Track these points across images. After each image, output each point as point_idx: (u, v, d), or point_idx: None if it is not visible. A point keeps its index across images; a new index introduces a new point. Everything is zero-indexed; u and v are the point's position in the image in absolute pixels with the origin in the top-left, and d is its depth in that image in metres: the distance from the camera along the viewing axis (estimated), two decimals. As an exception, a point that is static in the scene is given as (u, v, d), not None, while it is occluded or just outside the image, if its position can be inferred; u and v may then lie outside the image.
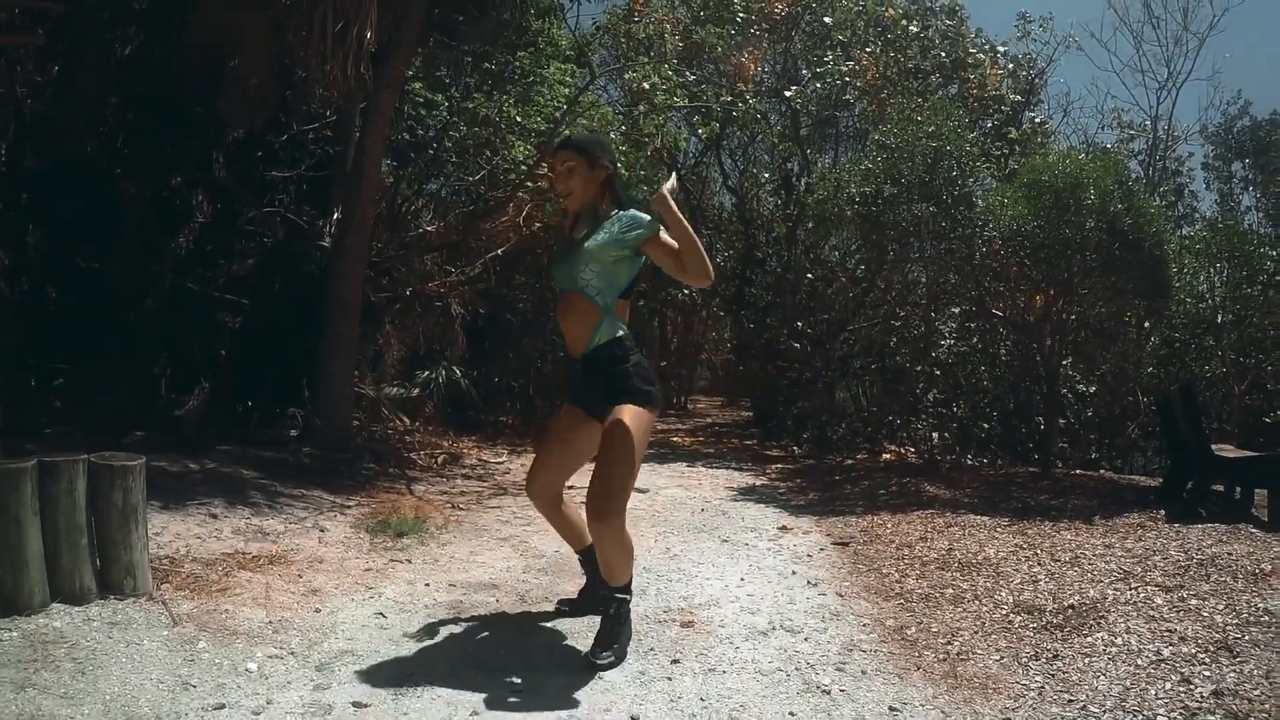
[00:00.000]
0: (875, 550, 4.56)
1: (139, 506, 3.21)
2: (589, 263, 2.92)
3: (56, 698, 2.35)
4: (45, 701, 2.32)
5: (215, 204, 7.56)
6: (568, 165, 3.00)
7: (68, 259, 6.62)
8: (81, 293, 6.62)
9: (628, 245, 2.92)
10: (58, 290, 6.71)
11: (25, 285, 6.66)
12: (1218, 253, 7.45)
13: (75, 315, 6.58)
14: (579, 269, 2.93)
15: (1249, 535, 4.38)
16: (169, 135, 6.91)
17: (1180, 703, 2.54)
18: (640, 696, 2.57)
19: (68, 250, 6.60)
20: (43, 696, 2.34)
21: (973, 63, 9.18)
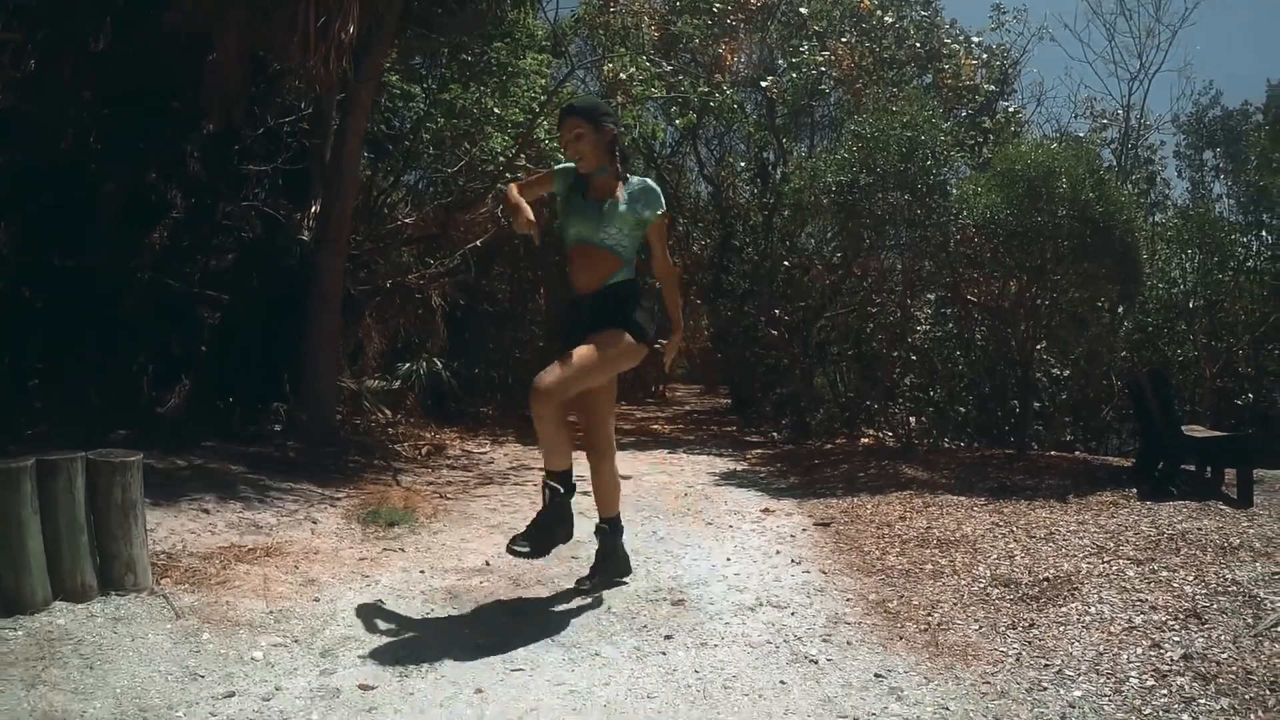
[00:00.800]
0: (856, 530, 4.69)
1: (138, 502, 3.23)
2: (615, 224, 3.20)
3: (67, 693, 2.37)
4: (56, 697, 2.33)
5: (191, 199, 7.52)
6: (576, 131, 3.18)
7: (42, 257, 6.57)
8: (58, 291, 6.55)
9: (642, 221, 3.23)
10: (33, 289, 6.65)
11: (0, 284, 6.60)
12: (1189, 239, 7.66)
13: (52, 314, 6.52)
14: (603, 227, 3.19)
15: (1218, 512, 4.53)
16: (144, 130, 6.86)
17: (1151, 666, 2.67)
18: (637, 671, 2.67)
19: (42, 248, 6.55)
20: (53, 693, 2.36)
21: (947, 53, 9.31)
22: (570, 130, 3.20)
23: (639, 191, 3.24)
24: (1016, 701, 2.47)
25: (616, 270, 3.23)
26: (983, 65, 9.90)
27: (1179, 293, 7.86)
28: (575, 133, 3.18)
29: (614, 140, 3.24)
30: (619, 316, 3.17)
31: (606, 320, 3.17)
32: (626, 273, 3.26)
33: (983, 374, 7.93)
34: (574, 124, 3.20)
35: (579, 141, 3.18)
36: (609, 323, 3.16)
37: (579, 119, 3.20)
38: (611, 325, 3.14)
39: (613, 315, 3.17)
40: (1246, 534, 4.03)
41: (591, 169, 3.22)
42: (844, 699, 2.49)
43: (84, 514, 3.07)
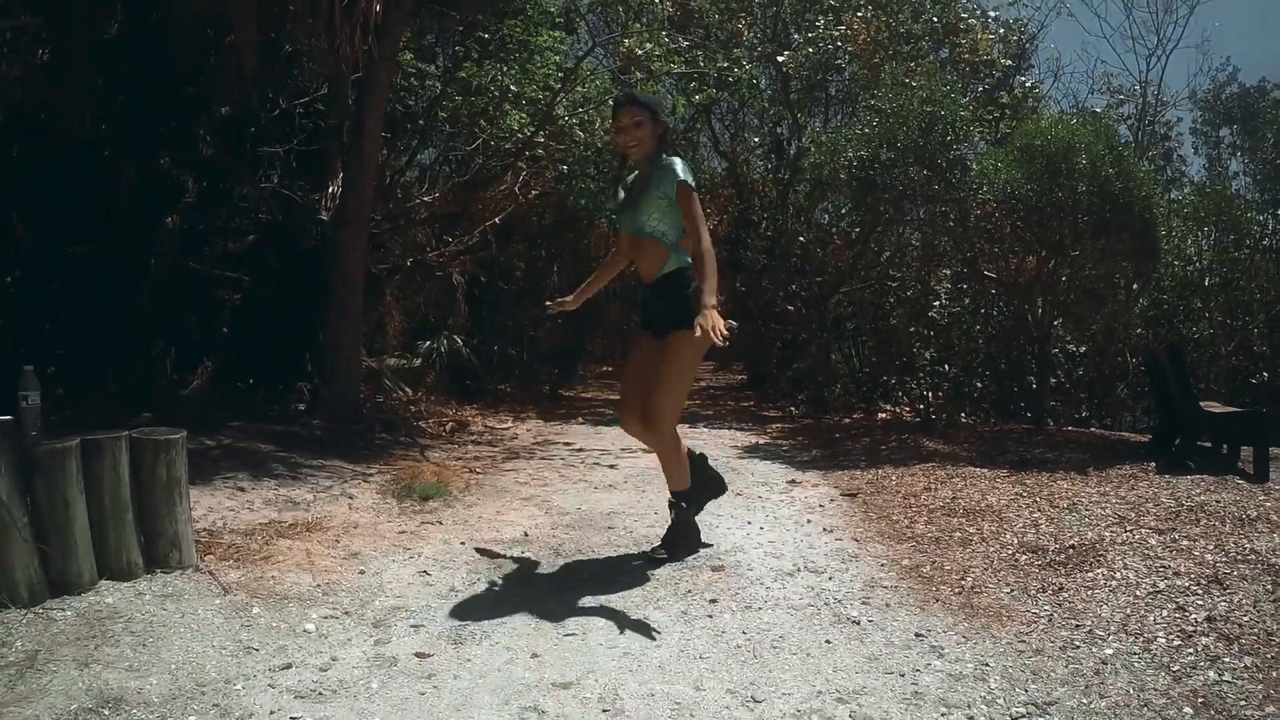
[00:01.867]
0: (883, 500, 4.77)
1: (181, 479, 3.28)
2: (646, 208, 3.33)
3: (122, 670, 2.38)
4: (111, 675, 2.35)
5: (206, 182, 7.56)
6: (636, 120, 3.32)
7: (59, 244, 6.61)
8: (76, 278, 6.60)
9: (669, 199, 3.30)
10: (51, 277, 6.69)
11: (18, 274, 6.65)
12: (1205, 216, 7.64)
13: (71, 301, 6.57)
14: (642, 217, 3.34)
15: (1235, 486, 4.60)
16: (158, 115, 6.90)
17: (1177, 627, 2.76)
18: (686, 634, 2.76)
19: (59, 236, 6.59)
20: (108, 671, 2.37)
21: (964, 27, 9.26)
22: (630, 117, 3.32)
23: (660, 171, 3.34)
24: (1051, 659, 2.56)
25: (665, 258, 3.35)
26: (1000, 40, 9.85)
27: (1195, 270, 7.86)
28: (635, 120, 3.32)
29: (666, 133, 3.43)
30: (679, 314, 3.23)
31: (667, 318, 3.31)
32: (676, 260, 3.35)
33: (1000, 350, 7.97)
34: (635, 112, 3.33)
35: (638, 129, 3.32)
36: (670, 323, 3.29)
37: (640, 109, 3.34)
38: (674, 327, 3.27)
39: (669, 312, 3.30)
40: (1264, 507, 4.10)
41: (644, 156, 3.37)
42: (888, 657, 2.59)
43: (129, 492, 3.10)
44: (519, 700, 2.30)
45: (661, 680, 2.42)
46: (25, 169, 6.42)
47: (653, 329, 3.44)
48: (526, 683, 2.40)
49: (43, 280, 6.69)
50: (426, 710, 2.26)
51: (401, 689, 2.38)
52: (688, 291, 3.29)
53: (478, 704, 2.29)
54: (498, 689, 2.37)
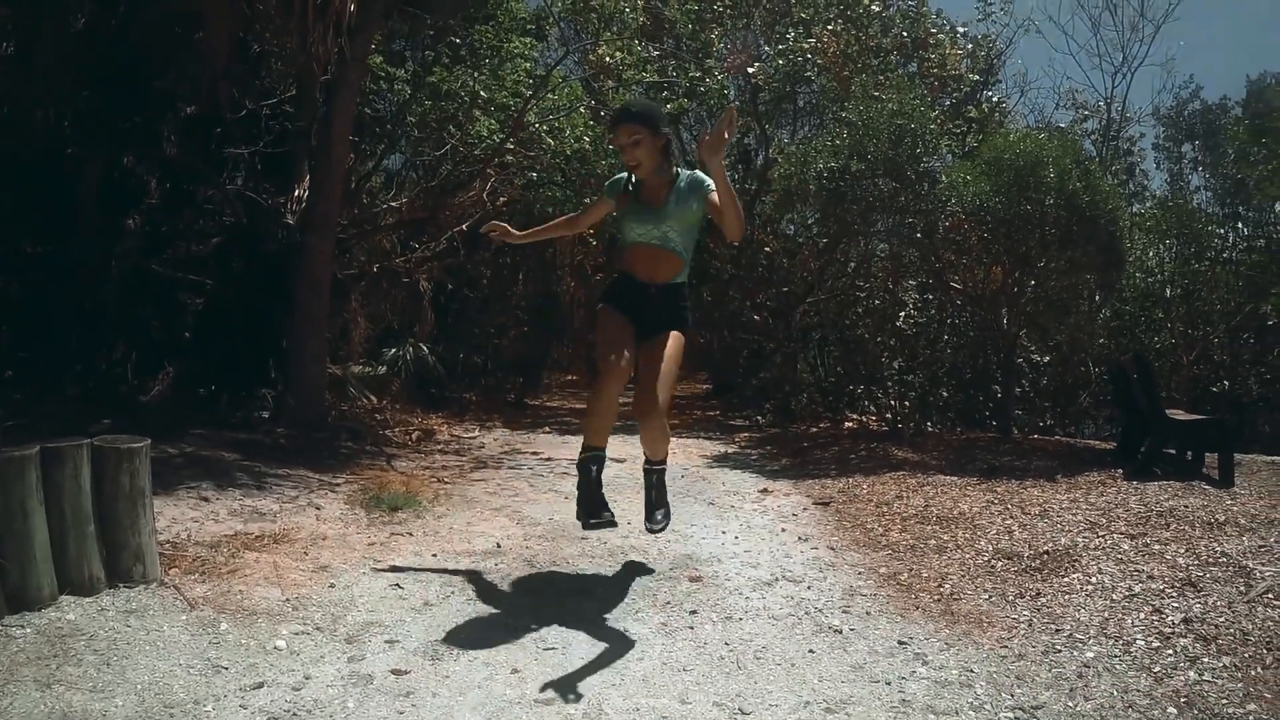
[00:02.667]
0: (856, 508, 4.78)
1: (145, 490, 3.15)
2: (670, 224, 3.27)
3: (85, 692, 2.27)
4: (74, 697, 2.24)
5: (171, 183, 7.39)
6: (634, 138, 3.18)
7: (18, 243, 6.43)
8: (35, 278, 6.42)
9: (697, 209, 3.27)
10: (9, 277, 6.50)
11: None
12: (1168, 229, 7.82)
13: (29, 302, 6.39)
14: (662, 228, 3.28)
15: (1202, 491, 4.68)
16: (123, 112, 6.73)
17: (1155, 629, 2.79)
18: (668, 646, 2.72)
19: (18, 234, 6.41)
20: (71, 692, 2.27)
21: (933, 42, 9.39)
22: (628, 135, 3.19)
23: (685, 187, 3.26)
24: (1034, 663, 2.58)
25: (679, 271, 3.37)
26: (968, 55, 10.00)
27: (1156, 282, 8.04)
28: (634, 139, 3.18)
29: (668, 144, 3.32)
30: (681, 317, 3.38)
31: (671, 317, 3.34)
32: (685, 273, 3.42)
33: (965, 360, 8.06)
34: (632, 130, 3.19)
35: (636, 147, 3.19)
36: (674, 322, 3.33)
37: (637, 124, 3.20)
38: (674, 325, 3.32)
39: (676, 314, 3.36)
40: (1231, 511, 4.17)
41: (648, 174, 3.25)
42: (873, 665, 2.58)
43: (90, 503, 2.97)
44: (502, 718, 2.24)
45: (646, 694, 2.37)
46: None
47: (643, 324, 3.34)
48: (508, 699, 2.35)
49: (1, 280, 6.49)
50: None
51: (379, 708, 2.30)
52: (687, 304, 3.43)
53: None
54: (479, 706, 2.30)
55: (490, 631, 2.83)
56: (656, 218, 3.28)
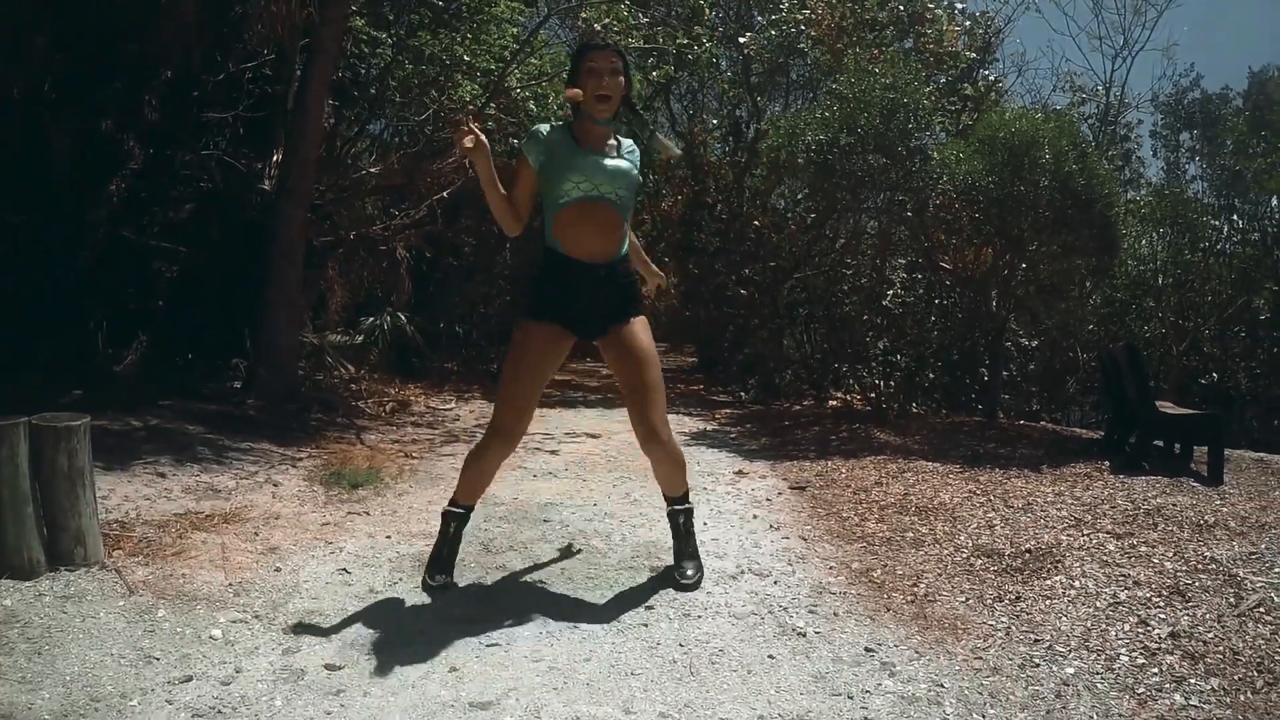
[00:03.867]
0: (833, 495, 4.63)
1: (86, 469, 3.03)
2: (624, 180, 2.87)
3: (13, 683, 2.21)
4: (1, 689, 2.18)
5: (148, 148, 7.16)
6: (614, 67, 2.84)
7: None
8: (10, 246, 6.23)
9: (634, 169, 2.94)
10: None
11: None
12: (1162, 218, 7.66)
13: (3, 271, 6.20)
14: (618, 183, 2.85)
15: (1190, 488, 4.54)
16: (99, 77, 6.52)
17: (1140, 643, 2.63)
18: (618, 645, 2.56)
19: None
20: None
21: (930, 18, 9.14)
22: (609, 61, 2.83)
23: (629, 148, 2.95)
24: (1010, 679, 2.41)
25: (624, 238, 2.92)
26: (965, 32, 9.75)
27: (1149, 270, 7.90)
28: (613, 66, 2.83)
29: (630, 97, 2.97)
30: (633, 301, 2.95)
31: (626, 305, 2.92)
32: (627, 240, 2.98)
33: (953, 341, 7.92)
34: (614, 59, 2.85)
35: (614, 77, 2.82)
36: (629, 307, 2.92)
37: (619, 57, 2.88)
38: (632, 311, 2.93)
39: (625, 302, 2.92)
40: (1220, 512, 4.04)
41: (610, 113, 2.88)
42: (836, 675, 2.42)
43: (28, 484, 2.87)
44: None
45: (589, 700, 2.23)
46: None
47: (587, 326, 2.92)
48: (442, 701, 2.20)
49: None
50: None
51: (306, 707, 2.17)
52: (635, 278, 3.02)
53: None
54: (410, 708, 2.16)
55: (433, 624, 2.68)
56: (607, 170, 2.82)
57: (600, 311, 2.90)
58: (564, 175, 2.80)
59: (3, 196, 6.18)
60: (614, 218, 2.86)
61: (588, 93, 2.82)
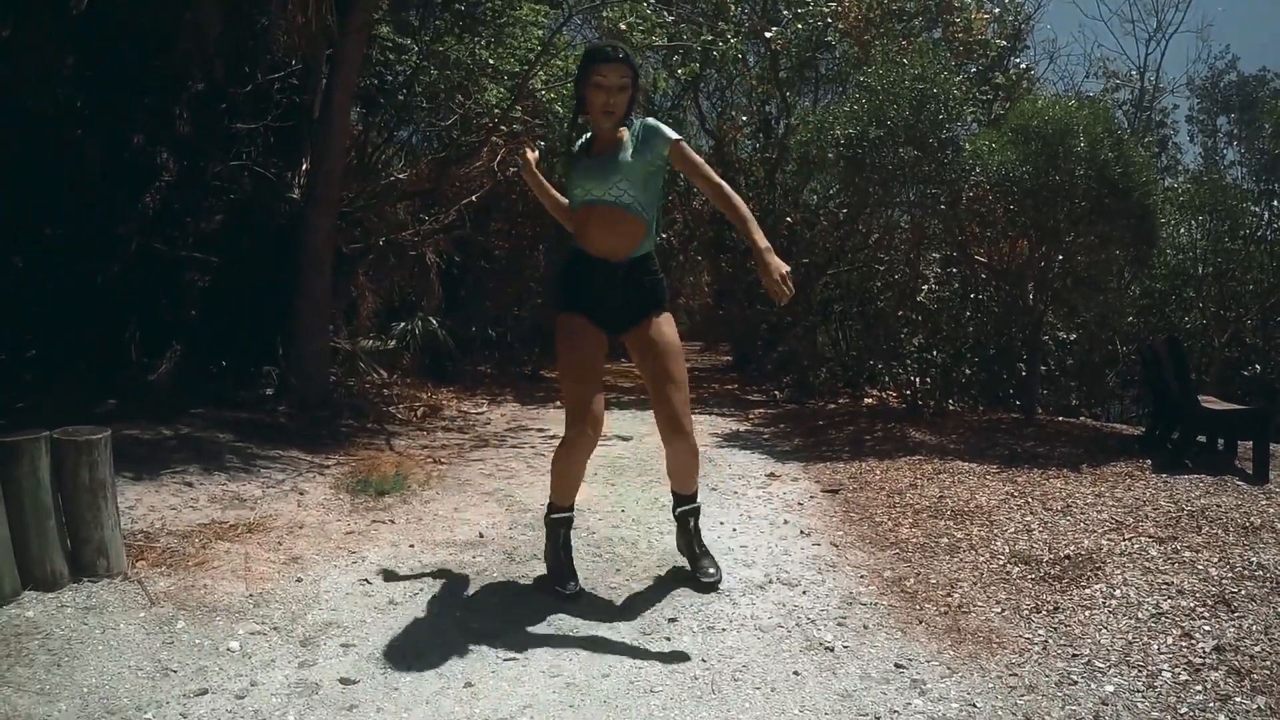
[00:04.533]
0: (866, 498, 4.52)
1: (107, 482, 3.04)
2: (624, 176, 2.89)
3: (32, 694, 2.23)
4: (20, 700, 2.20)
5: (179, 160, 7.25)
6: (624, 82, 2.88)
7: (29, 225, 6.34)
8: (46, 259, 6.35)
9: (657, 161, 2.91)
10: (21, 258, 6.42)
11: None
12: (1200, 205, 7.40)
13: (40, 283, 6.33)
14: (612, 181, 2.90)
15: (1235, 487, 4.36)
16: (129, 91, 6.60)
17: (1184, 658, 2.51)
18: (638, 659, 2.50)
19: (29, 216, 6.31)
20: (17, 695, 2.23)
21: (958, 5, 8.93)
22: (619, 76, 2.86)
23: (642, 133, 2.92)
24: (1047, 698, 2.30)
25: (642, 236, 2.96)
26: (995, 20, 9.53)
27: (1188, 260, 7.63)
28: (623, 81, 2.87)
29: (635, 99, 3.00)
30: (657, 298, 3.01)
31: (648, 302, 2.99)
32: (650, 242, 3.02)
33: (989, 335, 7.73)
34: (624, 73, 2.87)
35: (622, 93, 2.88)
36: (650, 303, 2.99)
37: (629, 70, 2.89)
38: (654, 307, 3.00)
39: (648, 298, 2.99)
40: (1267, 514, 3.86)
41: (616, 123, 2.94)
42: (863, 693, 2.32)
43: (51, 497, 2.89)
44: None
45: (606, 718, 2.16)
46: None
47: (610, 320, 3.01)
48: (456, 718, 2.15)
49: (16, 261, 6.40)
50: None
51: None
52: (660, 276, 3.06)
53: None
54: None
55: (451, 636, 2.64)
56: (605, 171, 2.90)
57: (620, 307, 2.99)
58: (574, 182, 3.00)
59: (37, 209, 6.29)
60: (615, 216, 2.92)
61: (594, 107, 2.90)
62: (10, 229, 6.26)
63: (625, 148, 2.92)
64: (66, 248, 6.37)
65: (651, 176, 2.94)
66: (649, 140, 2.90)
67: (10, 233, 6.28)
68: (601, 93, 2.86)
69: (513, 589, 3.13)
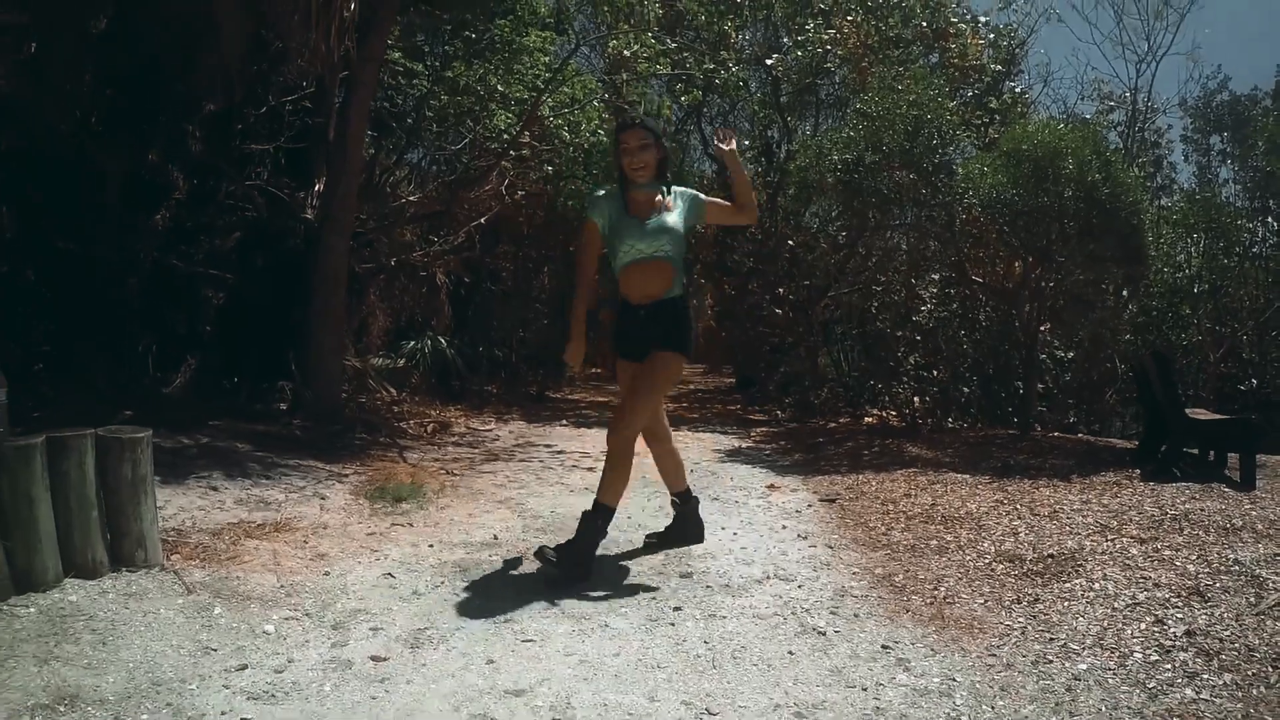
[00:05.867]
0: (861, 506, 4.71)
1: (147, 478, 3.24)
2: (668, 236, 3.40)
3: (80, 669, 2.38)
4: (69, 673, 2.35)
5: (194, 179, 7.49)
6: (643, 143, 3.39)
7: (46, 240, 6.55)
8: (63, 274, 6.54)
9: (698, 219, 3.57)
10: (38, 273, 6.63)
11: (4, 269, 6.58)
12: (1195, 224, 7.62)
13: (58, 298, 6.51)
14: (660, 242, 3.39)
15: (1221, 494, 4.53)
16: (146, 111, 6.83)
17: (1155, 641, 2.69)
18: (646, 642, 2.70)
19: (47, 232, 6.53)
20: (66, 668, 2.37)
21: (954, 32, 9.23)
22: (638, 139, 3.39)
23: (686, 201, 3.51)
24: (1022, 674, 2.49)
25: (673, 280, 3.44)
26: (989, 45, 9.82)
27: (1184, 277, 7.83)
28: (642, 143, 3.39)
29: (667, 159, 3.52)
30: (677, 337, 3.45)
31: (665, 337, 3.43)
32: (680, 285, 3.49)
33: (987, 354, 7.93)
34: (642, 136, 3.41)
35: (644, 151, 3.39)
36: (668, 342, 3.43)
37: (647, 133, 3.43)
38: (670, 346, 3.43)
39: (670, 333, 3.44)
40: (1249, 516, 4.03)
41: (648, 180, 3.42)
42: (852, 669, 2.52)
43: (94, 491, 3.07)
44: (469, 707, 2.25)
45: (616, 690, 2.36)
46: (12, 162, 6.35)
47: (636, 353, 3.50)
48: (479, 689, 2.35)
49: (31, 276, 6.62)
50: (375, 714, 2.22)
51: (353, 692, 2.33)
52: (687, 315, 3.51)
53: (427, 710, 2.24)
54: (449, 695, 2.32)
55: (472, 622, 2.84)
56: (651, 233, 3.39)
57: (646, 340, 3.46)
58: (620, 242, 3.43)
59: (54, 225, 6.50)
60: (663, 268, 3.43)
61: (626, 170, 3.43)
62: (27, 244, 6.46)
63: (672, 211, 3.44)
64: (82, 263, 6.56)
65: (689, 233, 3.54)
66: (693, 206, 3.53)
67: (27, 247, 6.48)
68: (627, 155, 3.41)
69: (528, 583, 3.32)
